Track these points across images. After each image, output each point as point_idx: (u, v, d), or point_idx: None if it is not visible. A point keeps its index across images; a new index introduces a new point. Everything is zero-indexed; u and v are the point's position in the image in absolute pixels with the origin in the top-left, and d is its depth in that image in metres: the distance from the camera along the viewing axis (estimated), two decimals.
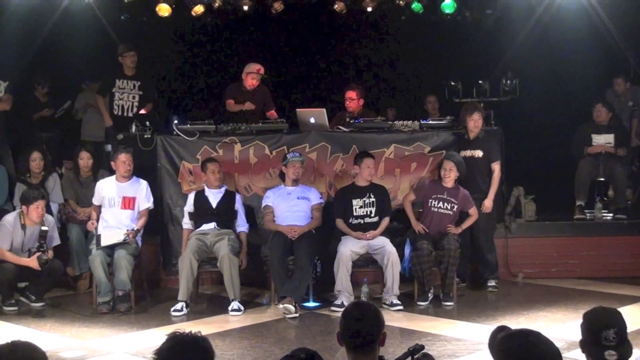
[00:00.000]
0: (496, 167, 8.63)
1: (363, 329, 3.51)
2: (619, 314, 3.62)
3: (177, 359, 3.08)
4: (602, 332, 3.48)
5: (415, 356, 3.53)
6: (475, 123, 8.62)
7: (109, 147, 9.48)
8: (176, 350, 3.09)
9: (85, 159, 8.91)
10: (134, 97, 9.95)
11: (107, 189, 8.35)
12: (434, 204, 8.27)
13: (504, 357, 3.02)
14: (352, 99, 9.66)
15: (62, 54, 11.34)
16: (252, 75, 9.68)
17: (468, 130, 8.72)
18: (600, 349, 3.46)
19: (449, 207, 8.26)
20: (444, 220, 8.23)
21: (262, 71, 9.75)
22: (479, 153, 8.63)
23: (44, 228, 7.86)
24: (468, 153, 8.66)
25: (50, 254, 7.87)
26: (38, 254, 7.69)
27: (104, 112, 10.12)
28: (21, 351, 3.04)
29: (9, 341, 2.96)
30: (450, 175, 8.26)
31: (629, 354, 3.50)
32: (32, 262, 7.70)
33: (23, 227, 7.93)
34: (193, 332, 3.15)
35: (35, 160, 8.91)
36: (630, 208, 9.91)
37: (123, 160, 8.31)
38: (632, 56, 10.88)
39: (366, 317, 3.57)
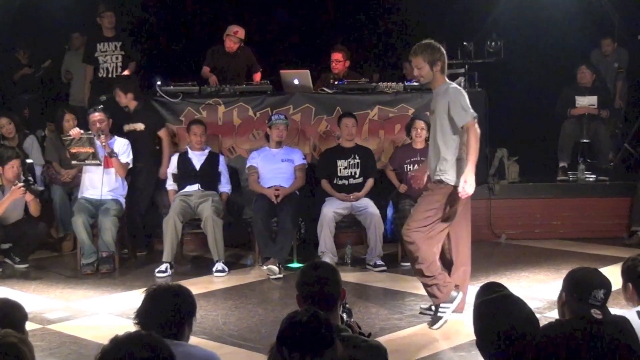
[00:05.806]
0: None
1: (323, 290, 3.46)
2: (606, 277, 3.67)
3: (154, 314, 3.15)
4: (592, 291, 3.52)
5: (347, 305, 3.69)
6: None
7: None
8: (152, 308, 3.15)
9: (70, 121, 8.79)
10: (117, 58, 9.74)
11: None
12: (410, 169, 8.17)
13: (478, 322, 3.08)
14: (339, 61, 9.63)
15: (43, 13, 11.20)
16: (229, 38, 9.59)
17: None
18: (586, 307, 3.49)
19: None
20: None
21: (240, 34, 9.61)
22: None
23: (28, 161, 7.71)
24: None
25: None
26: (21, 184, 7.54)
27: (85, 82, 9.98)
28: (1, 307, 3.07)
29: None
30: (421, 135, 8.19)
31: (609, 316, 3.55)
32: (15, 192, 7.53)
33: (1, 187, 7.84)
34: (167, 284, 3.23)
35: (4, 127, 8.73)
36: (613, 169, 9.96)
37: (93, 121, 8.20)
38: (616, 17, 10.86)
39: (325, 278, 3.51)
